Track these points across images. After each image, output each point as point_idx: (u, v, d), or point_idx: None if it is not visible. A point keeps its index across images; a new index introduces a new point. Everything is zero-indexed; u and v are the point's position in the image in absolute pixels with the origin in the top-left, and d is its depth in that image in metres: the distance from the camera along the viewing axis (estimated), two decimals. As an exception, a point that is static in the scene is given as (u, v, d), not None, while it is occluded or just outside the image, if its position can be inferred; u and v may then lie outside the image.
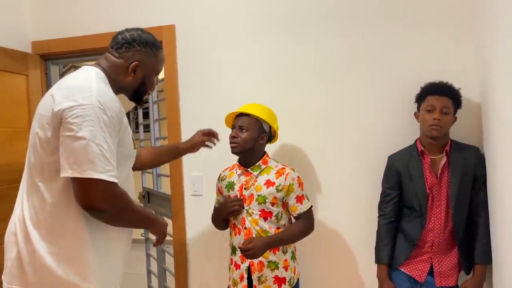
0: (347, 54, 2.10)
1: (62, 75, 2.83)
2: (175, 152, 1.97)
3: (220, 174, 1.99)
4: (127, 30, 1.48)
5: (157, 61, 1.54)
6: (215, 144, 1.99)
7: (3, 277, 1.39)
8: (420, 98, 1.82)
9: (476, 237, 1.74)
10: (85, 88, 1.29)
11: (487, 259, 1.71)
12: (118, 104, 1.35)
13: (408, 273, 1.82)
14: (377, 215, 1.93)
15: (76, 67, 3.23)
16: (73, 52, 2.58)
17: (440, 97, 1.76)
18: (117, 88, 1.45)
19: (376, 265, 1.92)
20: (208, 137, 1.96)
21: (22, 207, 1.38)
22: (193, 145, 1.94)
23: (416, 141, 1.86)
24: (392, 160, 1.91)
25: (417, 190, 1.79)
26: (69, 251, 1.32)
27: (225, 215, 1.87)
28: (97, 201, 1.24)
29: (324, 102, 2.14)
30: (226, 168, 1.98)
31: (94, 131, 1.23)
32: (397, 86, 1.99)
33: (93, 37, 2.49)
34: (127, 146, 1.44)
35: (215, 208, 2.00)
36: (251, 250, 1.68)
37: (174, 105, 2.37)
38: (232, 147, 1.81)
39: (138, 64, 1.45)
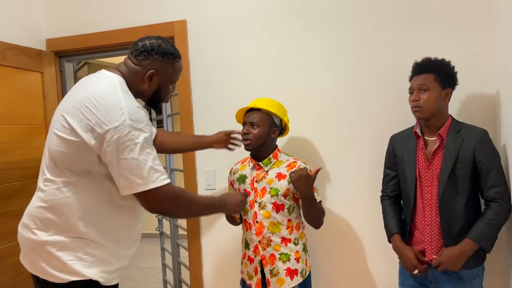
0: (358, 47, 2.09)
1: (76, 71, 2.87)
2: (199, 144, 2.02)
3: (232, 168, 2.00)
4: (147, 38, 1.52)
5: (174, 71, 1.56)
6: (238, 146, 1.99)
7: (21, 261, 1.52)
8: (410, 82, 1.76)
9: (481, 219, 1.60)
10: (115, 106, 1.33)
11: (482, 241, 1.57)
12: (143, 113, 1.41)
13: None
14: (380, 197, 1.90)
15: (90, 64, 3.28)
16: (87, 49, 2.61)
17: (418, 76, 1.69)
18: (134, 93, 1.49)
19: (385, 256, 1.89)
20: (233, 139, 1.99)
21: (33, 199, 1.48)
22: (218, 141, 1.97)
23: (416, 122, 1.78)
24: (391, 140, 1.87)
25: (406, 172, 1.74)
26: (74, 241, 1.40)
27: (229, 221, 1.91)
28: (159, 206, 1.40)
29: (336, 94, 2.13)
30: (238, 162, 1.99)
31: (134, 148, 1.32)
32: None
33: (106, 33, 2.52)
34: None
35: None
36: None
37: (186, 100, 2.38)
38: (245, 144, 1.82)
39: (154, 72, 1.49)
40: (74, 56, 2.73)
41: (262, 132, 1.79)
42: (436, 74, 1.65)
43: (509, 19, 1.59)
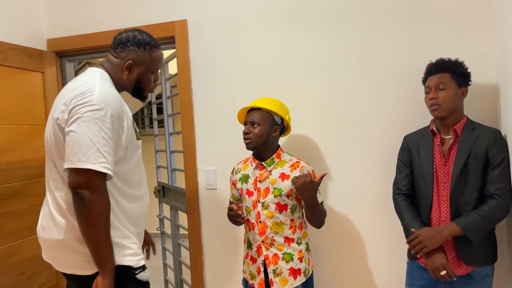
0: (360, 46, 2.09)
1: (77, 71, 2.87)
2: None
3: (234, 168, 2.00)
4: (125, 31, 1.60)
5: (152, 61, 1.61)
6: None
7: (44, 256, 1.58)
8: (423, 83, 1.80)
9: (475, 211, 1.61)
10: (87, 90, 1.39)
11: (469, 230, 1.59)
12: (118, 102, 1.45)
13: (424, 266, 1.75)
14: (393, 195, 1.88)
15: (90, 64, 3.28)
16: (88, 48, 2.61)
17: (433, 75, 1.73)
18: (118, 86, 1.55)
19: (388, 256, 1.88)
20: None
21: (47, 200, 1.52)
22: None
23: (431, 121, 1.81)
24: (406, 139, 1.89)
25: (423, 168, 1.75)
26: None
27: (231, 222, 1.91)
28: (83, 187, 1.33)
29: (337, 94, 2.13)
30: (240, 161, 1.99)
31: (89, 126, 1.34)
32: (412, 76, 1.96)
33: (107, 33, 2.51)
34: (131, 138, 1.52)
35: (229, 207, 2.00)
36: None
37: (187, 100, 2.38)
38: (246, 143, 1.82)
39: (132, 63, 1.56)
40: (75, 56, 2.73)
41: (263, 131, 1.80)
42: (451, 73, 1.69)
43: (510, 18, 1.59)
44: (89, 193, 1.33)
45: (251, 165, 1.90)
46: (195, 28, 2.36)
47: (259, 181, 1.83)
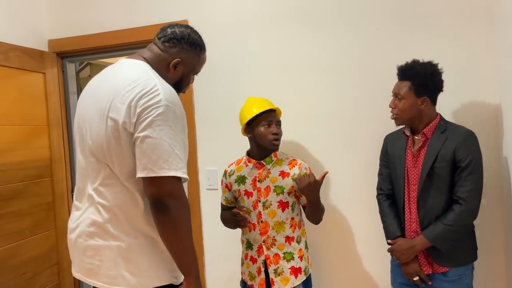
0: (358, 49, 2.09)
1: (78, 72, 2.87)
2: None
3: (226, 171, 1.97)
4: (177, 25, 1.49)
5: (199, 62, 1.55)
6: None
7: (74, 273, 1.44)
8: None
9: (441, 219, 1.61)
10: (151, 89, 1.28)
11: (437, 242, 1.61)
12: (179, 101, 1.36)
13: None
14: (376, 196, 1.90)
15: (92, 64, 3.27)
16: (89, 49, 2.61)
17: (398, 81, 1.72)
18: None
19: (382, 254, 1.90)
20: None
21: (97, 206, 1.35)
22: None
23: None
24: (385, 139, 1.89)
25: (397, 170, 1.76)
26: (149, 242, 1.33)
27: (232, 226, 1.90)
28: (168, 196, 1.25)
29: (336, 94, 2.13)
30: (232, 163, 1.97)
31: (164, 129, 1.25)
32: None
33: (108, 34, 2.52)
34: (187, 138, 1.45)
35: (222, 213, 1.98)
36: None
37: (188, 100, 2.38)
38: (277, 145, 1.81)
39: (180, 61, 1.46)
40: (76, 57, 2.73)
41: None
42: (412, 83, 1.66)
43: (510, 19, 1.58)
44: (175, 201, 1.25)
45: (246, 165, 1.88)
46: (196, 28, 2.32)
47: (258, 181, 1.83)
